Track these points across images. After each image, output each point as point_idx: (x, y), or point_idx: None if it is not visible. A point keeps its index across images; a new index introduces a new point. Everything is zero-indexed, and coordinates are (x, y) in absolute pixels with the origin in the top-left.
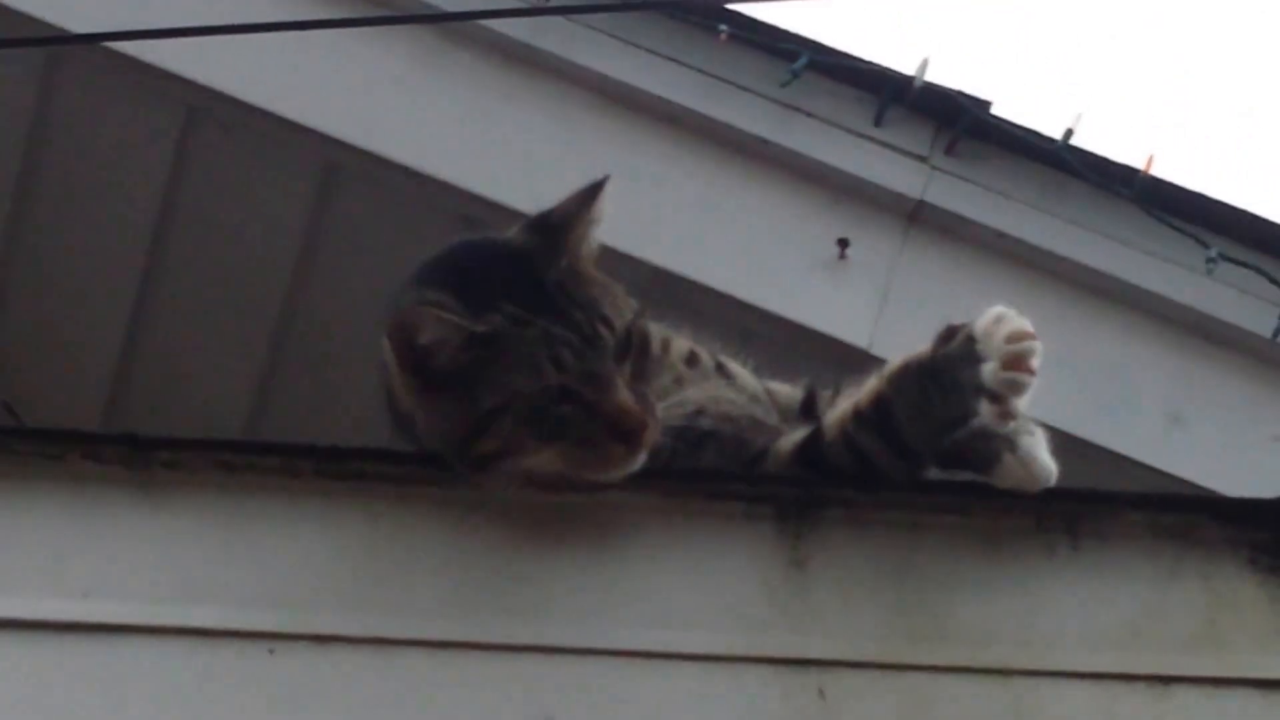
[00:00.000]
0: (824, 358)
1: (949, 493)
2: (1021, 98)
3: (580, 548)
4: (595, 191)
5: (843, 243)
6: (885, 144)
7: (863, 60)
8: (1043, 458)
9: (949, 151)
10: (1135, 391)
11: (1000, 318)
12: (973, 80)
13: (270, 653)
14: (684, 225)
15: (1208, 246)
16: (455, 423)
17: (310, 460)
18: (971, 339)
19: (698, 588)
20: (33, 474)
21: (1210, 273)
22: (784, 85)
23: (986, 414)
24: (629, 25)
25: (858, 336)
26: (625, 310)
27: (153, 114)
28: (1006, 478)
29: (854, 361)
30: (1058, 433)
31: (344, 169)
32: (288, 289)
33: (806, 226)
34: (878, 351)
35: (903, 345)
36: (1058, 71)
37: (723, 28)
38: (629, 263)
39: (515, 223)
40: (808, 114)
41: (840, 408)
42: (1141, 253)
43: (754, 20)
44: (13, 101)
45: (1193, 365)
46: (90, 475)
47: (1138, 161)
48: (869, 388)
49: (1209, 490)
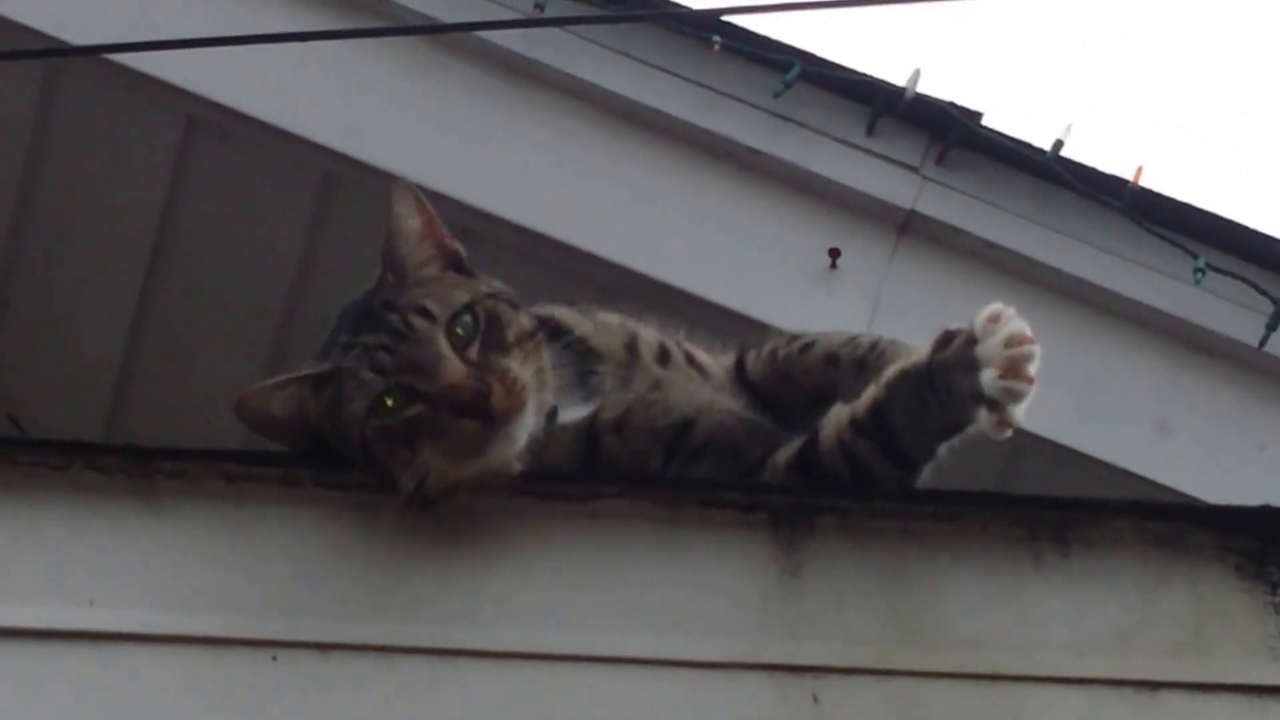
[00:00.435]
0: None
1: (941, 501)
2: (1012, 109)
3: (576, 555)
4: (390, 204)
5: (834, 252)
6: (877, 154)
7: (855, 71)
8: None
9: (940, 162)
10: (1123, 400)
11: (997, 316)
12: (964, 92)
13: (273, 660)
14: (676, 235)
15: (1195, 256)
16: (365, 469)
17: (310, 470)
18: (971, 342)
19: (692, 595)
20: (36, 484)
21: (1198, 282)
22: (776, 96)
23: (985, 422)
24: (623, 36)
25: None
26: (460, 295)
27: (152, 125)
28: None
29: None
30: (1046, 442)
31: (342, 180)
32: (286, 299)
33: (798, 236)
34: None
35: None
36: (1048, 84)
37: (716, 39)
38: (620, 272)
39: (505, 233)
40: (800, 124)
41: (837, 414)
42: (1130, 263)
43: (747, 31)
44: (13, 113)
45: (1180, 374)
46: (93, 486)
47: (1127, 172)
48: (867, 395)
49: (1196, 499)
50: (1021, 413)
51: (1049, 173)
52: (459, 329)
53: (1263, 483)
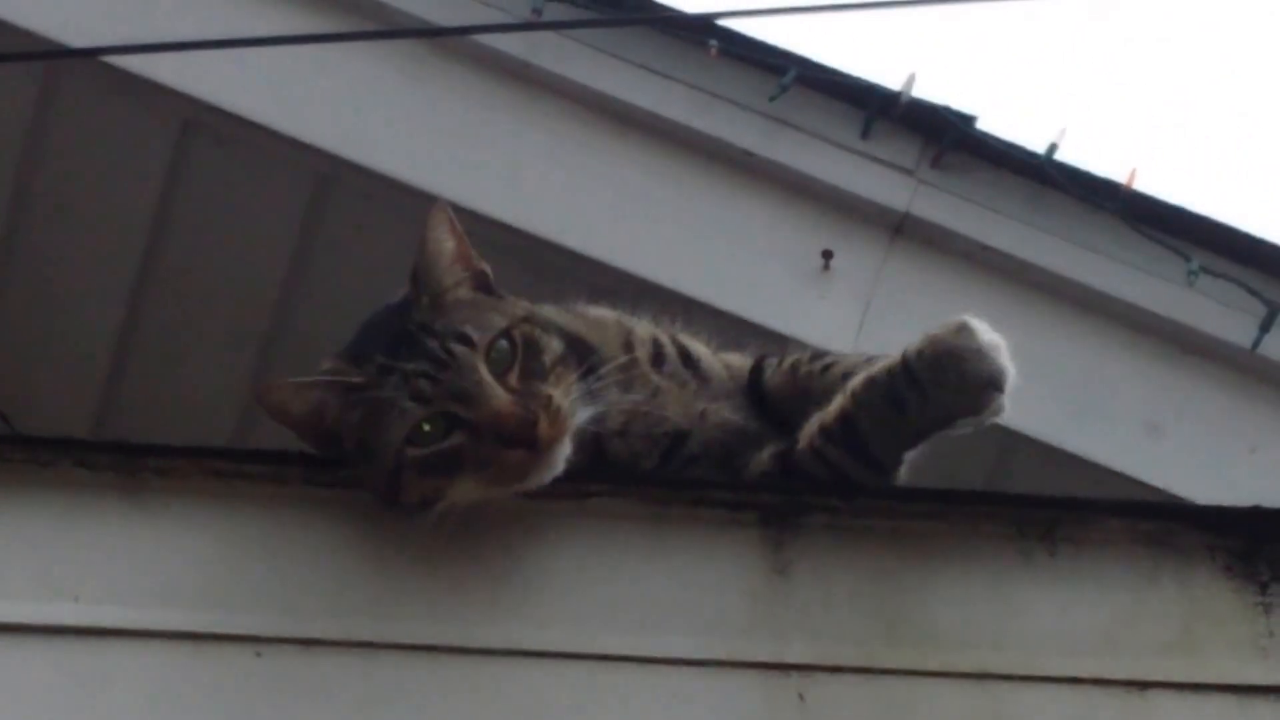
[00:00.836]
0: None
1: (929, 500)
2: (1007, 113)
3: (565, 554)
4: (426, 226)
5: (827, 254)
6: (871, 157)
7: (850, 75)
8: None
9: (935, 165)
10: (1116, 402)
11: (961, 329)
12: (959, 95)
13: (257, 656)
14: (670, 237)
15: (1189, 259)
16: (373, 481)
17: (298, 468)
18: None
19: (681, 593)
20: (25, 481)
21: (1191, 285)
22: (772, 99)
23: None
24: (620, 40)
25: (841, 347)
26: (496, 320)
27: (148, 127)
28: None
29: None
30: (1038, 442)
31: (337, 182)
32: (279, 300)
33: (792, 238)
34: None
35: None
36: (1043, 88)
37: (712, 43)
38: (615, 274)
39: (503, 236)
40: (795, 128)
41: (811, 421)
42: (1123, 265)
43: (743, 35)
44: (10, 114)
45: (1173, 376)
46: (81, 482)
47: (1120, 176)
48: (836, 404)
49: (1187, 500)
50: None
51: (1043, 176)
52: (496, 354)
53: (1254, 484)
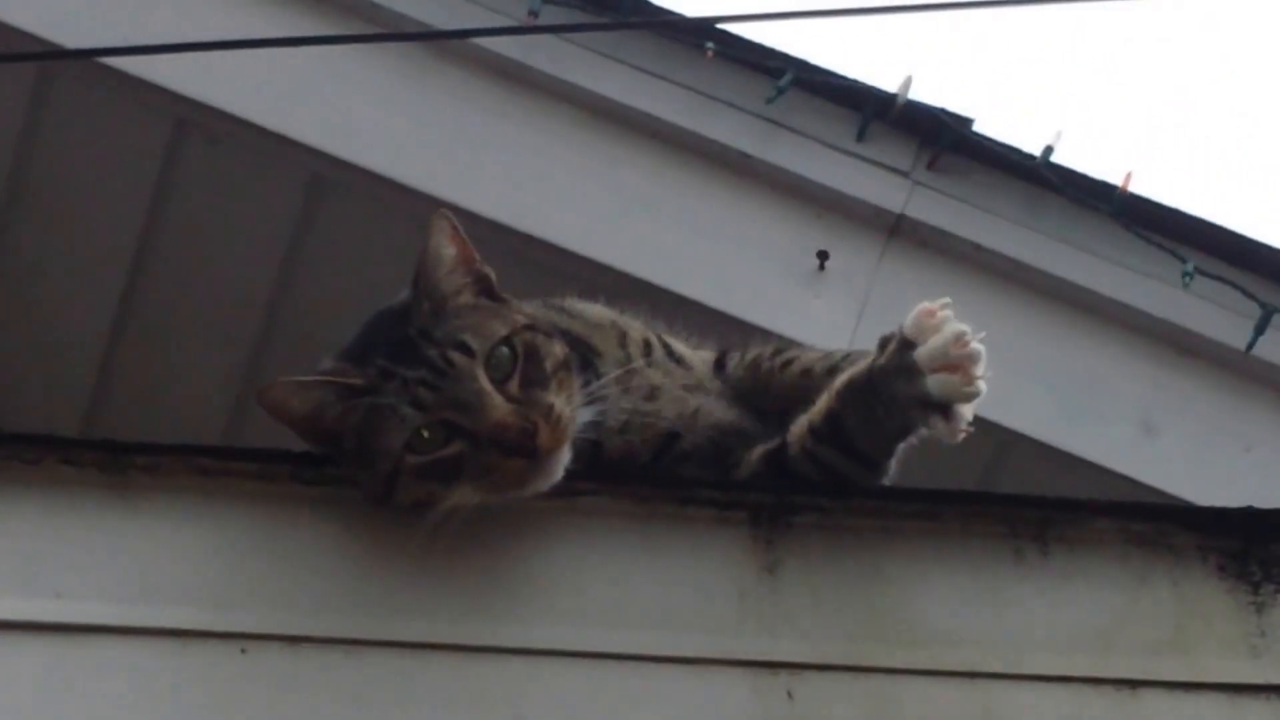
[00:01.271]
0: None
1: (921, 500)
2: (1003, 115)
3: (554, 552)
4: (428, 233)
5: (822, 255)
6: (867, 159)
7: (846, 78)
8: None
9: (930, 167)
10: (1110, 402)
11: (932, 313)
12: (955, 98)
13: (242, 652)
14: (667, 237)
15: (1184, 261)
16: (369, 482)
17: (286, 466)
18: (906, 345)
19: (670, 592)
20: (9, 478)
21: (1186, 286)
22: (769, 102)
23: (939, 429)
24: (617, 43)
25: (837, 347)
26: (498, 327)
27: (141, 126)
28: None
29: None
30: (1033, 442)
31: (330, 182)
32: (271, 300)
33: (788, 239)
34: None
35: None
36: (1039, 90)
37: (709, 45)
38: (611, 274)
39: (501, 237)
40: (792, 130)
41: (800, 421)
42: (1118, 266)
43: (740, 38)
44: (3, 113)
45: (1168, 377)
46: (66, 479)
47: (1116, 178)
48: (820, 404)
49: (1182, 500)
50: (971, 414)
51: (1039, 178)
52: (496, 361)
53: (1249, 484)
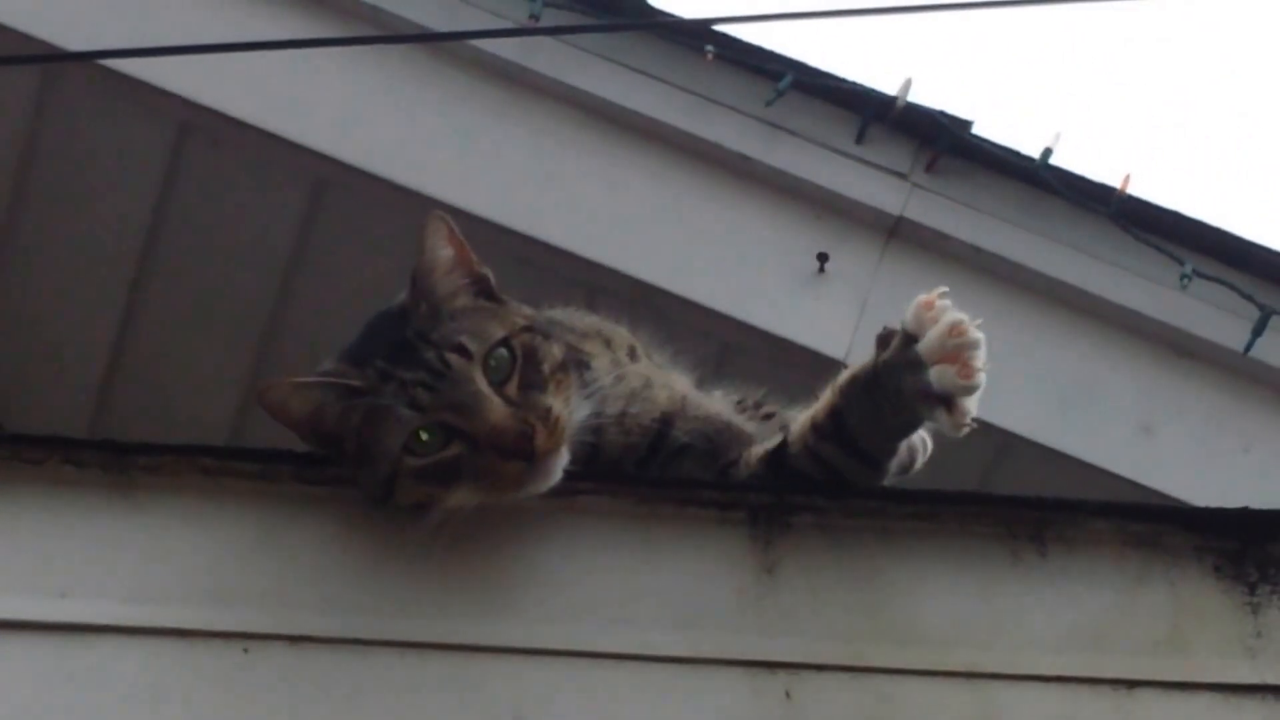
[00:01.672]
0: (802, 369)
1: (919, 501)
2: (1002, 117)
3: (553, 551)
4: (423, 235)
5: (822, 257)
6: (867, 162)
7: (846, 80)
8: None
9: (929, 169)
10: (1109, 403)
11: (931, 305)
12: (954, 100)
13: (244, 652)
14: (668, 240)
15: (1182, 263)
16: (369, 483)
17: (289, 466)
18: (909, 339)
19: (669, 591)
20: (13, 479)
21: (1184, 288)
22: (768, 104)
23: (940, 420)
24: (617, 45)
25: (836, 349)
26: (495, 329)
27: (144, 129)
28: None
29: (831, 373)
30: (1032, 443)
31: (333, 184)
32: (274, 302)
33: (788, 241)
34: (854, 363)
35: None
36: (1038, 92)
37: (709, 48)
38: (612, 276)
39: (501, 239)
40: (791, 132)
41: (802, 418)
42: (1117, 268)
43: (739, 41)
44: (8, 117)
45: (1166, 378)
46: (70, 479)
47: (1115, 180)
48: (824, 400)
49: (1181, 500)
50: (975, 405)
51: (1037, 180)
52: (494, 362)
53: (1247, 485)
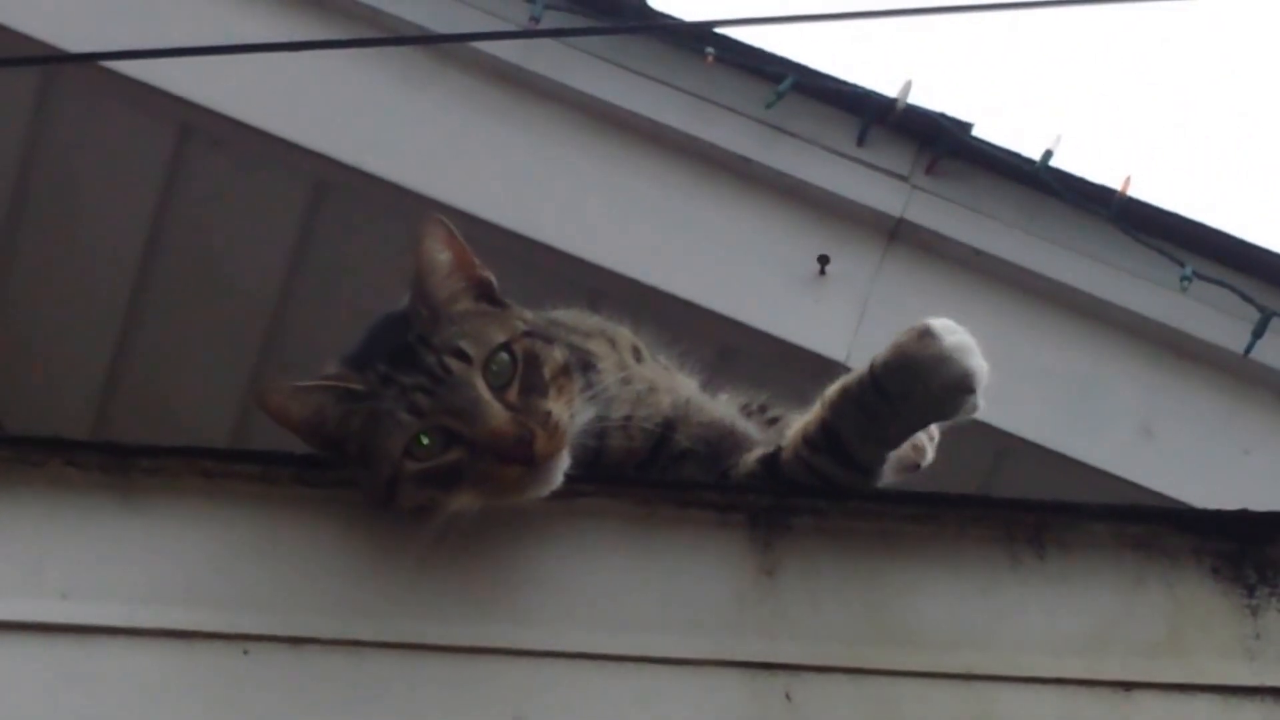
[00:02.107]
0: (803, 371)
1: (918, 503)
2: (1002, 120)
3: (554, 553)
4: (420, 239)
5: (823, 259)
6: (867, 164)
7: (846, 82)
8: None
9: (930, 171)
10: (1109, 405)
11: (924, 336)
12: (955, 102)
13: (245, 653)
14: (669, 242)
15: (1182, 265)
16: (370, 487)
17: (290, 469)
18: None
19: (669, 593)
20: (14, 480)
21: (1184, 290)
22: (769, 106)
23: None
24: (618, 47)
25: (836, 351)
26: (496, 334)
27: (145, 131)
28: None
29: (832, 375)
30: (1032, 445)
31: (334, 186)
32: (276, 304)
33: (788, 243)
34: (855, 365)
35: None
36: (1039, 94)
37: (709, 50)
38: (612, 278)
39: (501, 241)
40: (791, 134)
41: (794, 429)
42: (1117, 270)
43: (740, 43)
44: (8, 118)
45: (1166, 380)
46: (71, 481)
47: (1115, 182)
48: (814, 414)
49: (1181, 502)
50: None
51: (1038, 182)
52: (495, 367)
53: (1247, 487)
